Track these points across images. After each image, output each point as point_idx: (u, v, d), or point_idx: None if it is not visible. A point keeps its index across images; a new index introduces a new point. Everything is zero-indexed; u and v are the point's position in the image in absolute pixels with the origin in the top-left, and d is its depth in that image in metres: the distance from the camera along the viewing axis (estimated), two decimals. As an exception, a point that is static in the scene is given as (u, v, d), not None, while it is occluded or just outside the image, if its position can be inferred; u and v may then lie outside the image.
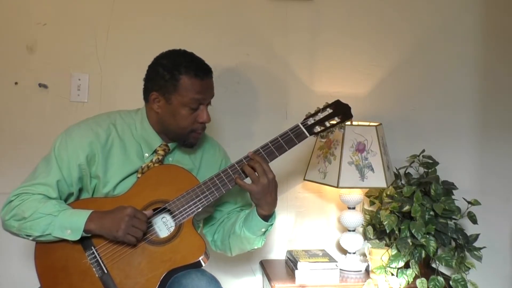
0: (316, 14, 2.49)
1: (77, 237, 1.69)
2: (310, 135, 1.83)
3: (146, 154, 1.86)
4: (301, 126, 1.83)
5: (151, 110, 1.86)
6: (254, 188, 1.76)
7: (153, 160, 1.85)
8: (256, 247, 1.89)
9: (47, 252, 1.73)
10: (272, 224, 1.84)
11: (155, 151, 1.87)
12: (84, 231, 1.69)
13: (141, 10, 2.41)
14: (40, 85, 2.37)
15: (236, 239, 1.88)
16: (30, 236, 1.72)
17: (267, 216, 1.81)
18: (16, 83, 2.37)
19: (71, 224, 1.69)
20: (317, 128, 1.83)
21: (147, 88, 1.85)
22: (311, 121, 1.84)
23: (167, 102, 1.80)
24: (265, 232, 1.84)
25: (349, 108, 1.88)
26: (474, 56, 2.59)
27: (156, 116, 1.85)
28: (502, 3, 2.60)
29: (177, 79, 1.77)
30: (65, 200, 1.80)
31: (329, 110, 1.85)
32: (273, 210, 1.82)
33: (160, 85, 1.80)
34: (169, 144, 1.89)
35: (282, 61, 2.49)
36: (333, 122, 1.85)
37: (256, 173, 1.76)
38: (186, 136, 1.84)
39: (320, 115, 1.85)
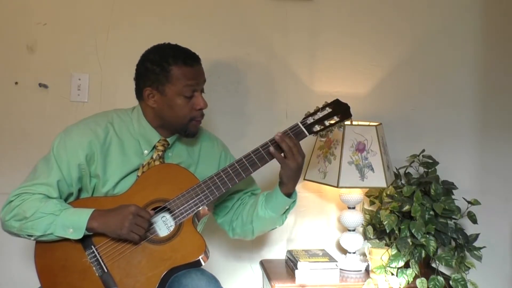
0: (316, 14, 2.50)
1: (80, 236, 1.69)
2: (310, 134, 1.83)
3: (146, 151, 1.86)
4: (301, 125, 1.83)
5: (147, 107, 1.86)
6: (290, 164, 1.77)
7: (154, 156, 1.86)
8: (277, 227, 1.96)
9: (47, 251, 1.73)
10: (295, 201, 1.87)
11: (154, 147, 1.87)
12: (87, 229, 1.69)
13: (141, 10, 2.42)
14: (40, 85, 2.37)
15: (259, 221, 1.89)
16: (31, 236, 1.72)
17: (290, 194, 1.84)
18: (16, 83, 2.37)
19: (73, 223, 1.69)
20: (317, 127, 1.83)
21: (139, 86, 1.85)
22: (310, 120, 1.84)
23: (161, 95, 1.81)
24: (287, 209, 1.87)
25: (348, 107, 1.88)
26: (474, 56, 2.59)
27: (152, 111, 1.85)
28: (502, 3, 2.60)
29: (167, 70, 1.78)
30: (65, 200, 1.80)
31: (328, 109, 1.86)
32: (295, 187, 1.86)
33: (152, 79, 1.80)
34: (168, 139, 1.89)
35: (282, 61, 2.49)
36: (332, 121, 1.85)
37: (290, 151, 1.77)
38: (187, 126, 1.84)
39: (319, 114, 1.85)
